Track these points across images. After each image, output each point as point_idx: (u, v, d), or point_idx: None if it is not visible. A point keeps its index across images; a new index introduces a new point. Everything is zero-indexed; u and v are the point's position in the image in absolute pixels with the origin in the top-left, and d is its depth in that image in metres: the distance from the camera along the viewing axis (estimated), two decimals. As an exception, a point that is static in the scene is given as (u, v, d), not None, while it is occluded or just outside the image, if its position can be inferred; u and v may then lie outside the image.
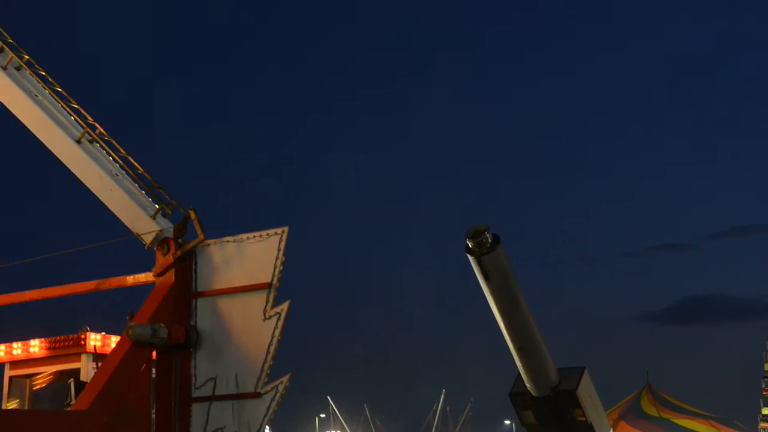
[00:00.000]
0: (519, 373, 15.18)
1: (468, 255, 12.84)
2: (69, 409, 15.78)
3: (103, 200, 15.39)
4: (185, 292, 14.75)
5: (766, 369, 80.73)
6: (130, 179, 15.59)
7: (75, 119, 16.00)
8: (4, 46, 16.35)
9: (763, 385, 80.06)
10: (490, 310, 13.79)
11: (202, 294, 14.75)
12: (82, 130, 15.73)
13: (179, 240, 14.87)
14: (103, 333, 17.76)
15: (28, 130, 15.97)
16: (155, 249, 14.95)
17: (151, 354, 14.58)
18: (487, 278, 13.04)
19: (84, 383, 16.26)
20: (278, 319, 14.02)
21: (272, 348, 13.96)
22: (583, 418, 15.38)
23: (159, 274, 14.82)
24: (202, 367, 14.51)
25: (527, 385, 15.21)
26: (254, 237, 14.46)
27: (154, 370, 14.78)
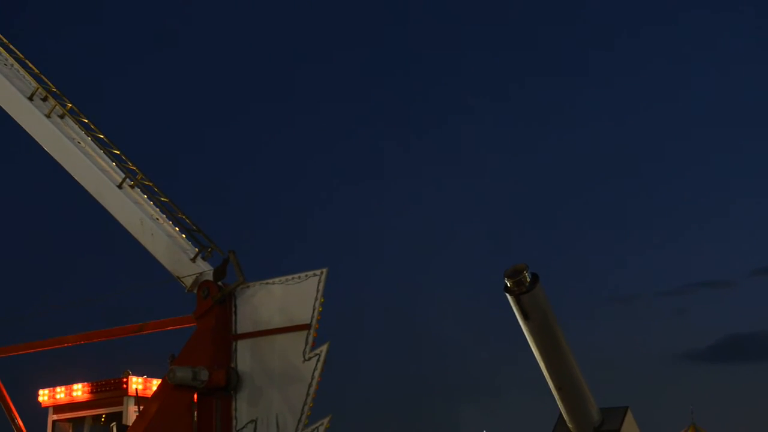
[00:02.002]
0: (561, 413, 15.03)
1: (507, 294, 12.80)
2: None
3: (143, 244, 15.56)
4: (225, 334, 14.82)
5: (814, 408, 78.95)
6: (170, 223, 15.78)
7: (116, 165, 16.28)
8: (48, 96, 16.72)
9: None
10: (530, 349, 13.71)
11: (242, 336, 14.80)
12: (123, 176, 15.99)
13: (219, 282, 14.97)
14: (145, 376, 17.87)
15: (71, 175, 16.24)
16: (195, 292, 15.06)
17: (193, 397, 14.64)
18: (526, 318, 12.98)
19: (126, 426, 16.35)
20: (318, 360, 14.02)
21: (312, 389, 13.96)
22: (628, 459, 15.15)
23: (199, 317, 14.90)
24: (242, 409, 14.53)
25: (570, 425, 15.05)
26: (293, 278, 14.53)
27: (195, 413, 14.82)
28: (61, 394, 18.31)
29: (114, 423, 17.19)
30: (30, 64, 17.25)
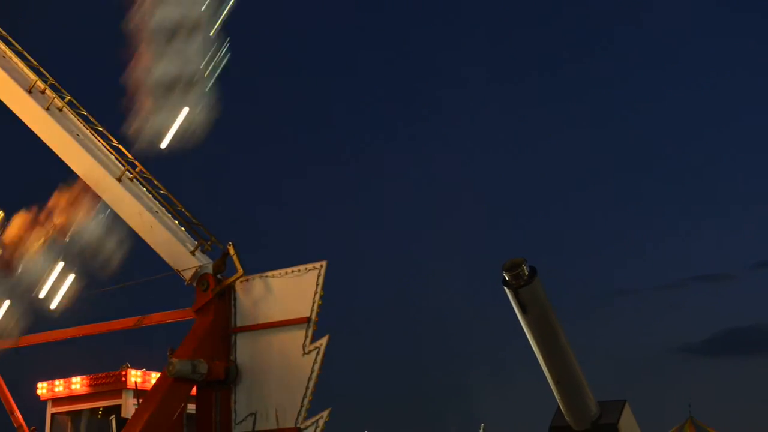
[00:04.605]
0: (559, 406, 15.05)
1: (505, 288, 12.81)
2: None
3: (143, 237, 15.56)
4: (225, 327, 14.85)
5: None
6: (170, 216, 15.77)
7: (116, 157, 16.26)
8: (47, 88, 16.68)
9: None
10: (529, 343, 13.72)
11: (241, 329, 14.83)
12: (122, 168, 15.97)
13: (218, 276, 14.98)
14: (144, 369, 17.88)
15: (71, 167, 16.23)
16: (195, 285, 15.07)
17: (192, 390, 14.67)
18: (524, 311, 12.97)
19: (125, 419, 16.36)
20: (317, 353, 14.05)
21: (311, 383, 13.99)
22: (625, 452, 15.16)
23: (199, 310, 14.93)
24: (242, 403, 14.56)
25: (567, 418, 15.06)
26: (293, 272, 14.54)
27: (194, 406, 14.85)
28: (59, 387, 18.32)
29: (113, 416, 17.21)
30: (28, 57, 17.21)
